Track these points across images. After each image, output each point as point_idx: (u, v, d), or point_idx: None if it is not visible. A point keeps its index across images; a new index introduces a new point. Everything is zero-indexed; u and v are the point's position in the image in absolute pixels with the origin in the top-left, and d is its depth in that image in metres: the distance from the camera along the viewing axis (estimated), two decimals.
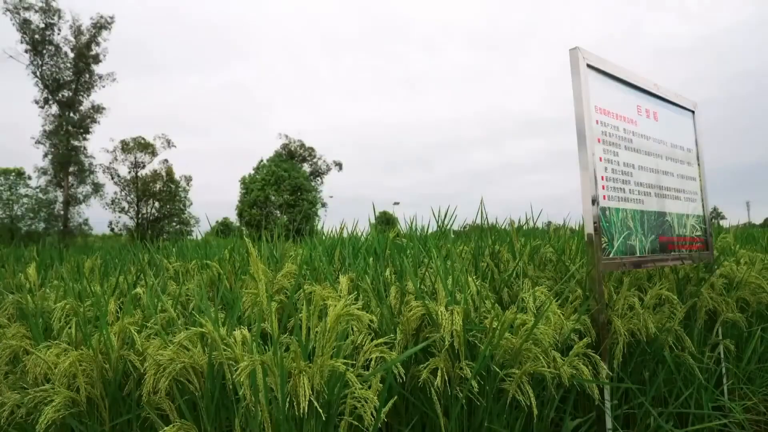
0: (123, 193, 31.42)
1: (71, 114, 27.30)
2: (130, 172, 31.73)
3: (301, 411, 1.48)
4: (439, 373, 1.76)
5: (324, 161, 37.68)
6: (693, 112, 3.55)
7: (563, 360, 1.97)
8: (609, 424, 2.33)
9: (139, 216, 31.54)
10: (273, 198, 31.43)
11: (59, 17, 26.56)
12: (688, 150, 3.40)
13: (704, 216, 3.46)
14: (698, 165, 3.50)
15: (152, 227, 30.87)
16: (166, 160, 32.63)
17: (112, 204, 30.95)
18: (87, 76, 27.58)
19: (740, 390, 3.26)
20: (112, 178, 31.16)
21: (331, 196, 36.94)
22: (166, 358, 1.74)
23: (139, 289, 2.46)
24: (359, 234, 3.63)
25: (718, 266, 3.50)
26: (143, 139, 31.89)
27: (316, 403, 1.49)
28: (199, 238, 6.33)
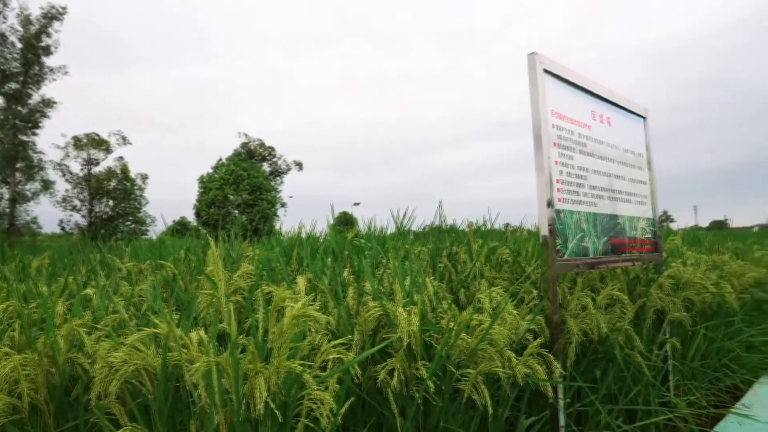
0: (75, 191, 30.37)
1: (19, 107, 26.19)
2: (82, 170, 30.70)
3: (257, 413, 1.46)
4: (395, 374, 1.77)
5: (284, 161, 37.37)
6: (644, 118, 3.67)
7: (518, 360, 2.00)
8: (562, 421, 2.38)
9: (92, 215, 30.54)
10: (231, 197, 30.97)
11: (4, 4, 25.37)
12: (639, 155, 3.51)
13: (654, 219, 3.59)
14: (649, 169, 3.62)
15: (106, 226, 29.93)
16: (121, 158, 31.72)
17: (63, 202, 29.86)
18: (36, 68, 26.51)
19: (684, 386, 3.39)
20: (64, 175, 30.06)
21: (291, 196, 36.65)
22: (117, 360, 1.68)
23: (89, 290, 2.38)
24: (318, 234, 3.61)
25: (666, 267, 3.63)
26: (97, 135, 30.91)
27: (272, 405, 1.48)
28: (155, 237, 6.17)
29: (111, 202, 30.98)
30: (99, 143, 30.80)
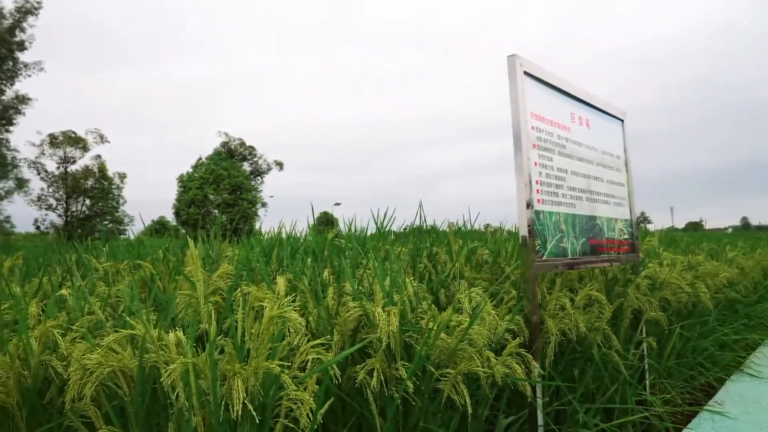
0: (51, 190, 29.87)
1: None
2: (58, 168, 30.20)
3: (236, 414, 1.45)
4: (375, 374, 1.77)
5: (264, 160, 37.24)
6: (622, 120, 3.72)
7: (497, 359, 2.02)
8: (541, 420, 2.40)
9: (68, 214, 30.05)
10: (212, 197, 30.75)
11: None
12: (617, 157, 3.56)
13: (631, 220, 3.64)
14: (626, 171, 3.68)
15: (82, 226, 29.47)
16: (98, 156, 31.27)
17: (39, 201, 29.35)
18: (10, 63, 25.94)
19: (660, 384, 3.45)
20: (39, 174, 29.55)
21: (272, 196, 36.54)
22: (93, 362, 1.66)
23: (64, 291, 2.33)
24: (298, 234, 3.60)
25: (643, 268, 3.68)
26: (74, 133, 30.43)
27: (250, 406, 1.47)
28: (133, 237, 6.09)
29: (88, 201, 30.53)
30: (76, 141, 30.33)
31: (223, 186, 30.93)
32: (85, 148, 30.68)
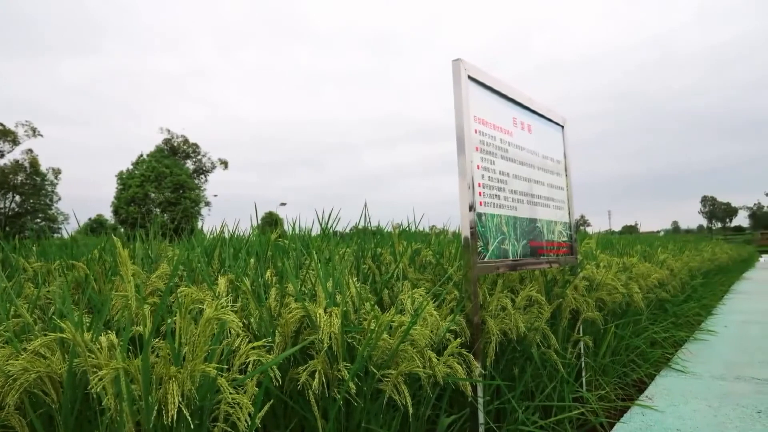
0: None
1: None
2: None
3: (170, 419, 1.41)
4: (317, 375, 1.76)
5: (209, 158, 36.45)
6: (563, 126, 3.84)
7: (438, 359, 2.04)
8: (481, 419, 2.44)
9: None
10: (153, 195, 29.80)
11: None
12: (557, 161, 3.67)
13: (570, 223, 3.76)
14: (566, 176, 3.80)
15: (11, 224, 27.94)
16: (30, 150, 29.73)
17: None
18: None
19: (596, 381, 3.58)
20: None
21: (216, 195, 35.81)
22: (18, 368, 1.57)
23: None
24: (242, 235, 3.53)
25: (581, 269, 3.82)
26: (2, 125, 28.81)
27: (185, 411, 1.43)
28: (67, 236, 5.81)
29: (18, 198, 28.97)
30: (4, 134, 28.73)
31: (165, 184, 30.04)
32: (15, 142, 29.13)
